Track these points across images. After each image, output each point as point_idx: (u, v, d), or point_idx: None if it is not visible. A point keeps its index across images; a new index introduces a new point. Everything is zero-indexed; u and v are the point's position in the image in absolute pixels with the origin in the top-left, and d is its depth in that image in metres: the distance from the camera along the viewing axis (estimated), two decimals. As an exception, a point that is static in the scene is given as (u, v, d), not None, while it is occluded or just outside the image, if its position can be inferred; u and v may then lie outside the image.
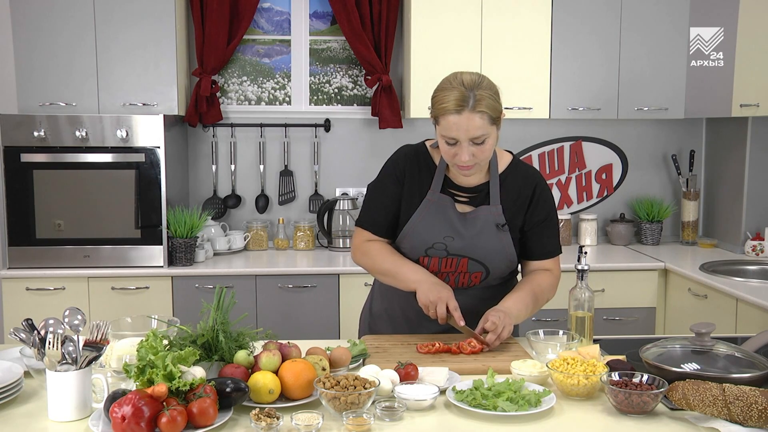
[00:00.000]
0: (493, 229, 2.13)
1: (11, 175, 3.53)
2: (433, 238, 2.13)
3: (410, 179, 2.16)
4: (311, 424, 1.52)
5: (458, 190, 2.15)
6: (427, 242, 2.14)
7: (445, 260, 2.15)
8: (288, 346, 1.77)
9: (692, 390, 1.59)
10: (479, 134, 1.95)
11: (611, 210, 4.36)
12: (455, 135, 1.96)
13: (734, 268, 3.61)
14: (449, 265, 2.16)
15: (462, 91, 1.94)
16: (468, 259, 2.14)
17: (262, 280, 3.62)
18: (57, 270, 3.55)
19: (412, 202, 2.16)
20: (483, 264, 2.15)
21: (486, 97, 1.95)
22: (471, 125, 1.94)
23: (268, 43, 4.16)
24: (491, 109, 1.95)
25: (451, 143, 1.98)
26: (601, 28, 3.86)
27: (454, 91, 1.95)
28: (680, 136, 4.32)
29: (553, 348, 1.94)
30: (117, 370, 1.74)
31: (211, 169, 4.14)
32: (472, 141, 1.96)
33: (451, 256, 2.14)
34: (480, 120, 1.94)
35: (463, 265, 2.15)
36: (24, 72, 3.60)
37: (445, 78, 2.03)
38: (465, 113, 1.93)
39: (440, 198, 2.14)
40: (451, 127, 1.95)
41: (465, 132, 1.94)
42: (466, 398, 1.65)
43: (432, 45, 3.77)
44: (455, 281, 2.19)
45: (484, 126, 1.95)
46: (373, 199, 2.22)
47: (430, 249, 2.14)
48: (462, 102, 1.93)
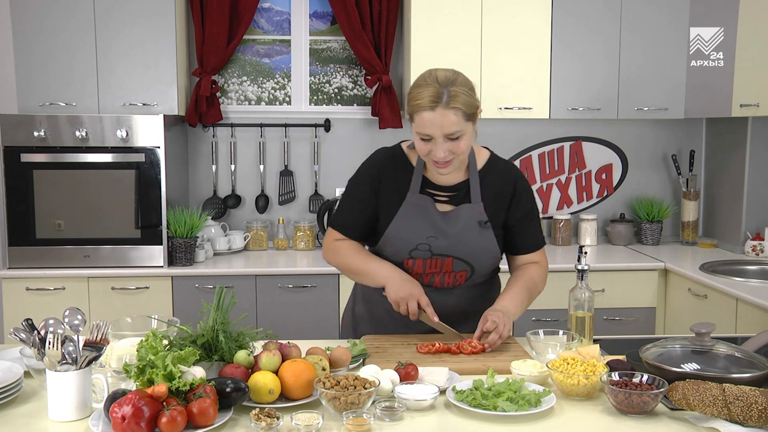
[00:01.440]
0: (476, 226, 2.13)
1: (11, 175, 3.53)
2: (416, 239, 2.12)
3: (386, 183, 2.16)
4: (311, 424, 1.52)
5: (437, 189, 2.14)
6: (410, 244, 2.13)
7: (429, 261, 2.14)
8: (288, 346, 1.77)
9: (692, 390, 1.59)
10: (453, 130, 1.95)
11: (611, 210, 4.36)
12: (429, 131, 1.95)
13: (734, 268, 3.61)
14: (434, 266, 2.15)
15: (436, 87, 1.94)
16: (452, 258, 2.14)
17: (262, 280, 3.62)
18: (57, 270, 3.55)
19: (390, 205, 2.15)
20: (467, 262, 2.15)
21: (460, 94, 1.94)
22: (445, 122, 1.94)
23: (268, 43, 4.16)
24: (466, 105, 1.95)
25: (426, 140, 1.98)
26: (601, 28, 3.87)
27: (429, 87, 1.95)
28: (680, 136, 4.32)
29: (553, 348, 1.94)
30: (117, 370, 1.74)
31: (211, 169, 4.15)
32: (447, 137, 1.96)
33: (436, 256, 2.13)
34: (454, 116, 1.94)
35: (448, 264, 2.15)
36: (24, 72, 3.60)
37: (420, 75, 2.03)
38: (439, 110, 1.93)
39: (420, 199, 2.13)
40: (426, 123, 1.95)
41: (439, 128, 1.94)
42: (466, 398, 1.65)
43: (432, 45, 3.77)
44: (441, 281, 2.18)
45: (459, 122, 1.95)
46: (345, 203, 2.24)
47: (414, 251, 2.13)
48: (436, 98, 1.93)
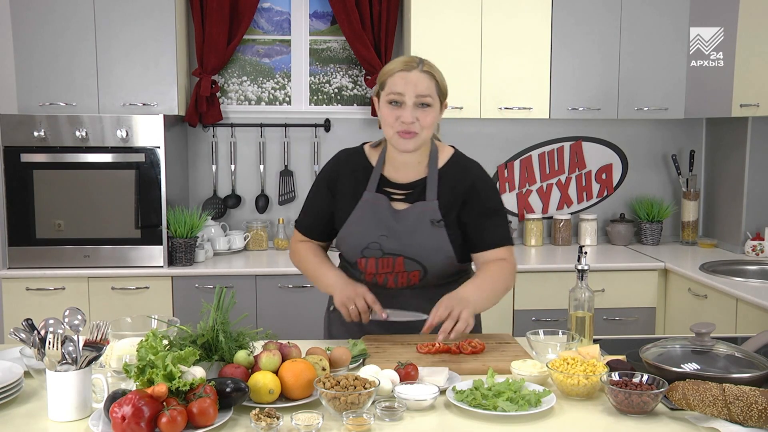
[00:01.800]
0: (428, 225, 2.10)
1: (11, 175, 3.53)
2: (367, 238, 2.12)
3: (344, 183, 2.17)
4: (311, 424, 1.52)
5: (394, 187, 2.14)
6: (362, 243, 2.13)
7: (381, 260, 2.13)
8: (288, 346, 1.77)
9: (692, 390, 1.59)
10: (426, 93, 1.99)
11: (611, 210, 4.36)
12: (402, 89, 1.98)
13: (734, 268, 3.61)
14: (386, 266, 2.14)
15: (412, 57, 2.04)
16: (403, 257, 2.12)
17: (262, 280, 3.62)
18: (57, 270, 3.55)
19: (346, 204, 2.16)
20: (419, 262, 2.12)
21: (435, 68, 2.04)
22: (419, 82, 1.98)
23: (268, 43, 4.16)
24: (440, 79, 2.03)
25: (397, 101, 2.00)
26: (601, 28, 3.87)
27: (404, 57, 2.05)
28: (680, 136, 4.32)
29: (553, 348, 1.94)
30: (117, 370, 1.74)
31: (211, 169, 4.14)
32: (417, 102, 1.99)
33: (386, 255, 2.12)
34: (428, 81, 2.00)
35: (399, 264, 2.13)
36: (24, 72, 3.60)
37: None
38: (414, 72, 2.00)
39: (375, 197, 2.13)
40: (398, 82, 1.99)
41: (413, 87, 1.98)
42: (466, 398, 1.65)
43: (432, 45, 3.77)
44: (394, 281, 2.16)
45: (430, 89, 2.00)
46: (306, 203, 2.28)
47: (366, 249, 2.13)
48: (412, 63, 2.01)
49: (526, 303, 3.64)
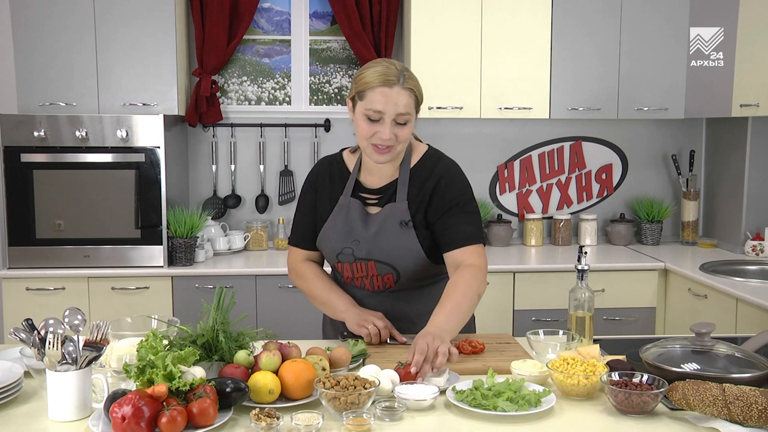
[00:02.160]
0: (396, 227, 2.07)
1: (11, 175, 3.53)
2: (341, 243, 2.12)
3: (323, 189, 2.17)
4: (311, 424, 1.52)
5: (368, 192, 2.13)
6: (336, 249, 2.13)
7: (354, 265, 2.13)
8: (288, 346, 1.77)
9: (692, 390, 1.59)
10: (405, 111, 1.95)
11: (611, 210, 4.36)
12: (381, 108, 1.93)
13: (734, 268, 3.61)
14: (360, 270, 2.14)
15: (392, 68, 1.96)
16: (374, 261, 2.11)
17: (262, 280, 3.62)
18: (57, 270, 3.55)
19: (323, 211, 2.16)
20: (389, 265, 2.11)
21: (414, 79, 1.98)
22: (400, 100, 1.94)
23: (268, 43, 4.16)
24: (418, 92, 1.99)
25: (375, 119, 1.95)
26: (601, 28, 3.86)
27: (384, 67, 1.96)
28: (680, 136, 4.32)
29: (553, 348, 1.94)
30: (117, 370, 1.74)
31: (211, 169, 4.14)
32: (396, 120, 1.95)
33: (358, 260, 2.12)
34: (408, 98, 1.95)
35: (372, 268, 2.12)
36: (24, 72, 3.60)
37: (370, 62, 2.04)
38: (396, 87, 1.94)
39: (350, 202, 2.12)
40: (379, 99, 1.93)
41: (393, 106, 1.94)
42: (466, 398, 1.65)
43: (432, 45, 3.77)
44: (370, 284, 2.16)
45: (410, 105, 1.96)
46: (296, 216, 2.25)
47: (340, 254, 2.14)
48: (393, 77, 1.94)
49: (526, 303, 3.64)
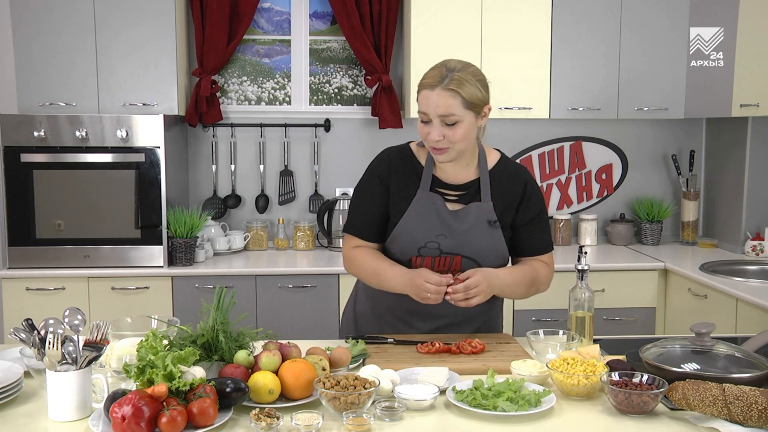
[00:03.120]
0: (485, 225, 2.12)
1: (11, 175, 3.53)
2: (425, 237, 2.11)
3: (396, 181, 2.15)
4: (311, 424, 1.52)
5: (447, 188, 2.14)
6: (419, 242, 2.12)
7: (438, 259, 2.13)
8: (288, 346, 1.77)
9: (692, 390, 1.59)
10: (447, 113, 1.97)
11: (611, 210, 4.36)
12: (425, 109, 2.00)
13: (734, 268, 3.61)
14: (442, 264, 2.14)
15: (442, 70, 2.00)
16: (461, 257, 2.13)
17: (262, 280, 3.62)
18: (57, 270, 3.55)
19: (400, 203, 2.14)
20: (476, 261, 2.13)
21: (464, 80, 1.98)
22: (440, 102, 1.97)
23: (268, 43, 4.16)
24: (466, 93, 1.98)
25: (425, 120, 2.01)
26: (601, 28, 3.87)
27: (435, 69, 2.02)
28: (680, 136, 4.32)
29: (553, 348, 1.94)
30: (117, 370, 1.74)
31: (211, 169, 4.15)
32: (442, 120, 1.98)
33: (444, 254, 2.13)
34: (450, 99, 1.97)
35: (456, 263, 2.14)
36: (24, 72, 3.60)
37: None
38: (437, 90, 1.97)
39: (430, 196, 2.13)
40: (422, 101, 2.00)
41: (434, 108, 1.98)
42: (466, 398, 1.65)
43: (432, 45, 3.77)
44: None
45: (454, 106, 1.97)
46: (358, 204, 2.21)
47: (423, 248, 2.12)
48: (438, 79, 1.98)
49: (526, 303, 3.63)
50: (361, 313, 2.33)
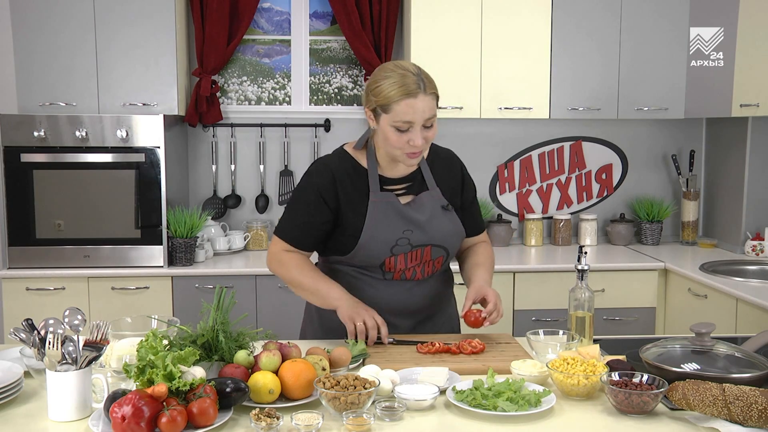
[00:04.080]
0: (440, 211, 2.17)
1: (11, 175, 3.53)
2: (394, 235, 2.12)
3: (343, 189, 2.12)
4: (311, 424, 1.52)
5: (394, 183, 2.16)
6: (389, 242, 2.12)
7: (410, 254, 2.15)
8: (288, 346, 1.77)
9: (692, 390, 1.59)
10: (431, 115, 2.00)
11: (611, 210, 4.36)
12: (411, 118, 1.97)
13: (734, 268, 3.61)
14: (415, 258, 2.16)
15: (410, 75, 1.97)
16: (431, 246, 2.16)
17: (262, 280, 3.62)
18: (57, 270, 3.55)
19: (355, 210, 2.12)
20: (443, 247, 2.19)
21: (431, 80, 2.02)
22: (426, 107, 1.98)
23: (268, 43, 4.16)
24: (436, 91, 2.02)
25: (404, 129, 1.99)
26: (601, 29, 3.86)
27: (402, 76, 1.97)
28: (680, 136, 4.32)
29: (553, 348, 1.94)
30: (117, 370, 1.74)
31: (211, 169, 4.15)
32: (424, 124, 1.99)
33: (415, 247, 2.14)
34: (432, 102, 2.00)
35: (427, 253, 2.16)
36: (24, 72, 3.60)
37: (381, 68, 2.04)
38: (420, 96, 1.97)
39: (383, 196, 2.13)
40: (407, 111, 1.96)
41: (421, 114, 1.97)
42: (466, 398, 1.65)
43: (432, 45, 3.77)
44: (421, 272, 2.18)
45: (434, 107, 2.01)
46: (294, 213, 2.17)
47: (395, 247, 2.13)
48: (414, 85, 1.96)
49: (526, 303, 3.64)
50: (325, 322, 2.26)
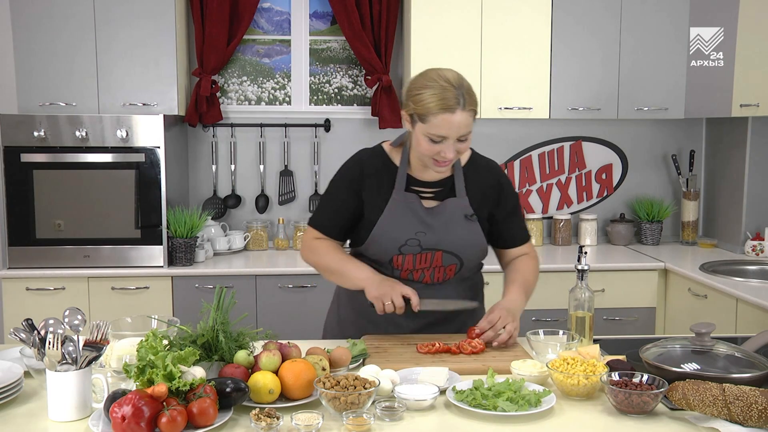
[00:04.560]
0: (462, 219, 2.16)
1: (11, 175, 3.53)
2: (404, 235, 2.14)
3: (370, 183, 2.17)
4: (311, 424, 1.52)
5: (422, 186, 2.17)
6: (399, 240, 2.14)
7: (419, 256, 2.15)
8: (288, 346, 1.77)
9: (692, 390, 1.59)
10: (467, 131, 1.99)
11: (611, 210, 4.36)
12: (446, 133, 1.97)
13: (734, 268, 3.61)
14: (424, 261, 2.16)
15: (452, 89, 1.96)
16: (442, 252, 2.15)
17: (262, 280, 3.62)
18: (57, 270, 3.55)
19: (375, 204, 2.16)
20: (456, 255, 2.17)
21: (471, 95, 2.00)
22: (462, 123, 1.97)
23: (268, 43, 4.16)
24: (476, 106, 2.01)
25: (437, 141, 1.99)
26: (601, 28, 3.87)
27: (443, 89, 1.96)
28: (680, 136, 4.32)
29: (553, 348, 1.94)
30: (117, 370, 1.74)
31: (211, 169, 4.14)
32: (458, 138, 1.99)
33: (425, 250, 2.15)
34: (468, 118, 1.98)
35: (438, 258, 2.16)
36: (24, 72, 3.60)
37: (423, 74, 2.04)
38: (458, 112, 1.96)
39: (405, 196, 2.15)
40: (442, 125, 1.97)
41: (456, 130, 1.97)
42: (466, 398, 1.65)
43: (432, 45, 3.77)
44: (431, 276, 2.19)
45: (471, 123, 2.00)
46: (325, 202, 2.24)
47: (404, 246, 2.14)
48: (454, 101, 1.95)
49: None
50: (345, 316, 2.32)
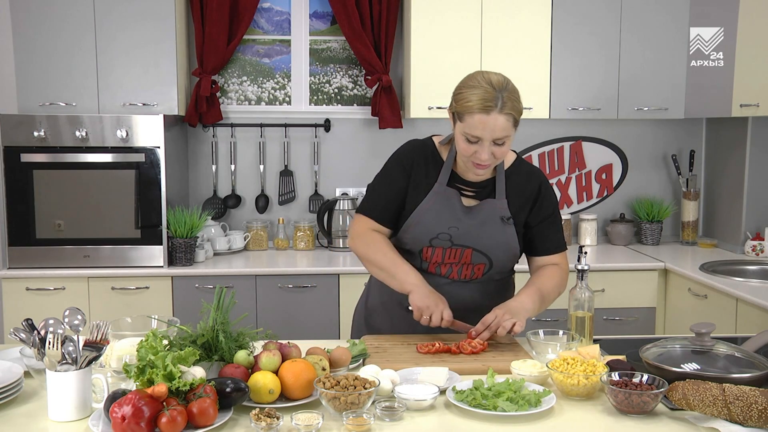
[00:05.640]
0: (498, 221, 2.16)
1: (11, 175, 3.53)
2: (438, 228, 2.15)
3: (417, 171, 2.19)
4: (311, 424, 1.52)
5: (464, 184, 2.18)
6: (432, 232, 2.15)
7: (449, 250, 2.17)
8: (288, 346, 1.77)
9: (692, 390, 1.59)
10: (502, 135, 1.99)
11: (611, 210, 4.36)
12: (480, 134, 1.98)
13: (734, 268, 3.61)
14: (453, 256, 2.17)
15: (491, 91, 1.97)
16: (472, 249, 2.16)
17: (262, 280, 3.62)
18: (57, 270, 3.55)
19: (417, 193, 2.18)
20: (486, 255, 2.17)
21: (513, 100, 1.99)
22: (497, 126, 1.97)
23: (268, 43, 4.16)
24: (516, 112, 2.00)
25: (473, 141, 2.01)
26: (601, 28, 3.87)
27: (483, 90, 1.97)
28: (680, 136, 4.32)
29: (553, 348, 1.94)
30: (117, 370, 1.74)
31: (211, 169, 4.14)
32: (494, 141, 1.99)
33: (456, 246, 2.16)
34: (506, 122, 1.98)
35: (467, 255, 2.17)
36: (24, 72, 3.60)
37: (470, 75, 2.05)
38: (493, 114, 1.96)
39: (446, 191, 2.17)
40: (477, 126, 1.98)
41: (490, 132, 1.98)
42: (466, 398, 1.65)
43: (432, 45, 3.77)
44: (458, 273, 2.20)
45: (508, 128, 1.99)
46: (377, 188, 2.25)
47: (435, 239, 2.16)
48: (491, 102, 1.96)
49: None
50: (372, 308, 2.36)
